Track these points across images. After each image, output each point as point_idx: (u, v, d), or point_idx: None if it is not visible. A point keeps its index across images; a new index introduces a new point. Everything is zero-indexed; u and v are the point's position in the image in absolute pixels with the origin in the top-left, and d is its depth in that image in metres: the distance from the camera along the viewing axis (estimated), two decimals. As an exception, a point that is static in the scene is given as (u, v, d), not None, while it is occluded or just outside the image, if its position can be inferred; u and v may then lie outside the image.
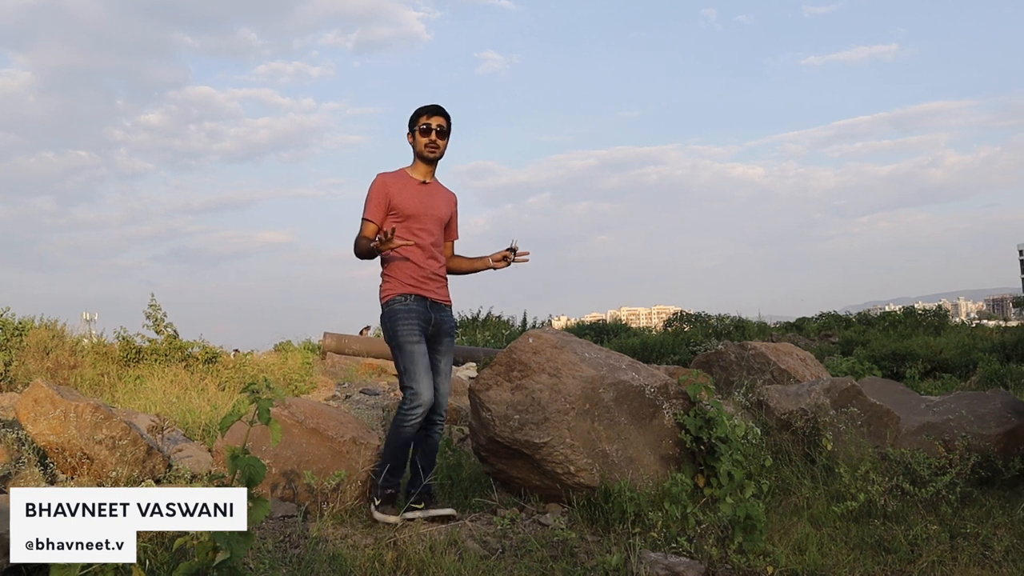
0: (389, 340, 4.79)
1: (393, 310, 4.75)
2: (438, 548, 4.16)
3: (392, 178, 4.86)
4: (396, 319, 4.73)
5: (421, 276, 4.82)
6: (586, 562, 4.06)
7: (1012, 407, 6.44)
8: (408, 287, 4.78)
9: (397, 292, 4.77)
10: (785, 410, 5.95)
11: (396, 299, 4.77)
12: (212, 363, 12.30)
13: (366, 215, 4.81)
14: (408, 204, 4.80)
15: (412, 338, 4.70)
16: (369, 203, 4.81)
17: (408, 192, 4.83)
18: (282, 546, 4.29)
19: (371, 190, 4.83)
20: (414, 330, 4.72)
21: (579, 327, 33.32)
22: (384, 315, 4.81)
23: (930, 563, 4.01)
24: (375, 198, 4.80)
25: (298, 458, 5.16)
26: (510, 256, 5.02)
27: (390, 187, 4.81)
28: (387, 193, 4.80)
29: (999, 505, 5.06)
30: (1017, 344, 19.05)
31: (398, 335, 4.70)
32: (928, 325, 26.29)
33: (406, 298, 4.76)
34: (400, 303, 4.75)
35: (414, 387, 4.64)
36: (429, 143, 4.83)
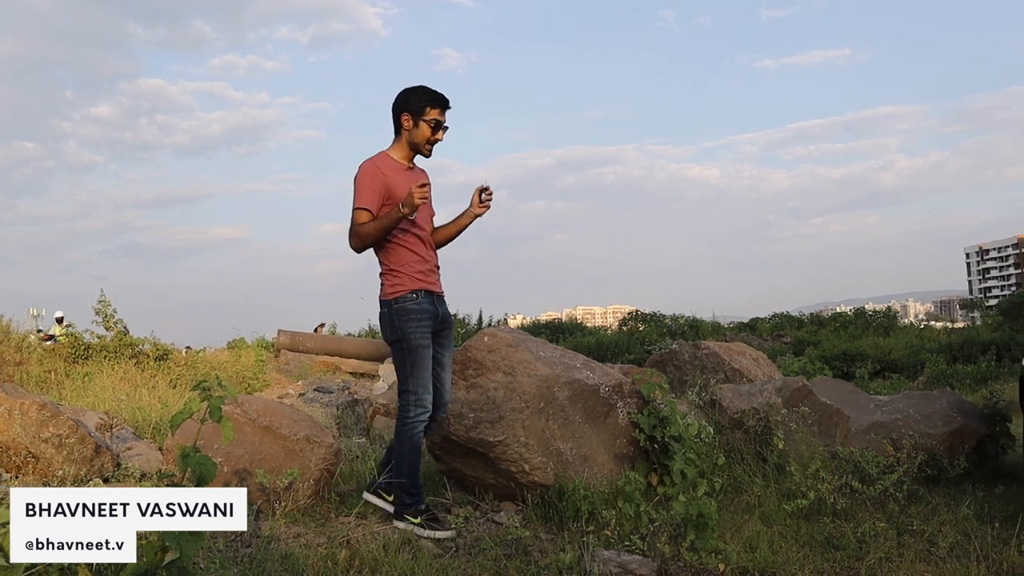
0: (395, 339, 4.47)
1: (405, 308, 4.43)
2: (392, 547, 4.14)
3: (383, 163, 4.48)
4: (408, 319, 4.42)
5: (426, 269, 4.53)
6: (540, 560, 4.07)
7: (958, 407, 6.57)
8: (418, 282, 4.47)
9: (408, 288, 4.45)
10: (738, 409, 6.01)
11: (408, 296, 4.44)
12: (163, 360, 12.14)
13: (361, 203, 4.38)
14: (405, 191, 4.38)
15: (424, 341, 4.44)
16: (364, 191, 4.39)
17: (401, 178, 4.45)
18: (233, 545, 4.24)
19: (363, 177, 4.41)
20: (426, 332, 4.46)
21: (535, 326, 33.41)
22: (392, 312, 4.46)
23: (877, 560, 4.08)
24: (370, 185, 4.38)
25: (250, 456, 5.10)
26: (484, 196, 4.62)
27: (385, 174, 4.43)
28: (383, 180, 4.40)
29: (944, 503, 5.15)
30: (963, 345, 19.47)
31: (410, 337, 4.41)
32: (878, 326, 26.77)
33: (417, 295, 4.46)
34: (412, 301, 4.44)
35: (419, 392, 4.45)
36: (433, 141, 4.51)
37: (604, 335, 28.95)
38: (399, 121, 4.53)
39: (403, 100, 4.52)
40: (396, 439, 4.58)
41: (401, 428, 4.53)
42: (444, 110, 4.51)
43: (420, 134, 4.49)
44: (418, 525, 4.43)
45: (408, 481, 4.54)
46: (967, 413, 6.49)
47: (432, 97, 4.49)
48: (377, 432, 7.82)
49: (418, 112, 4.48)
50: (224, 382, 3.10)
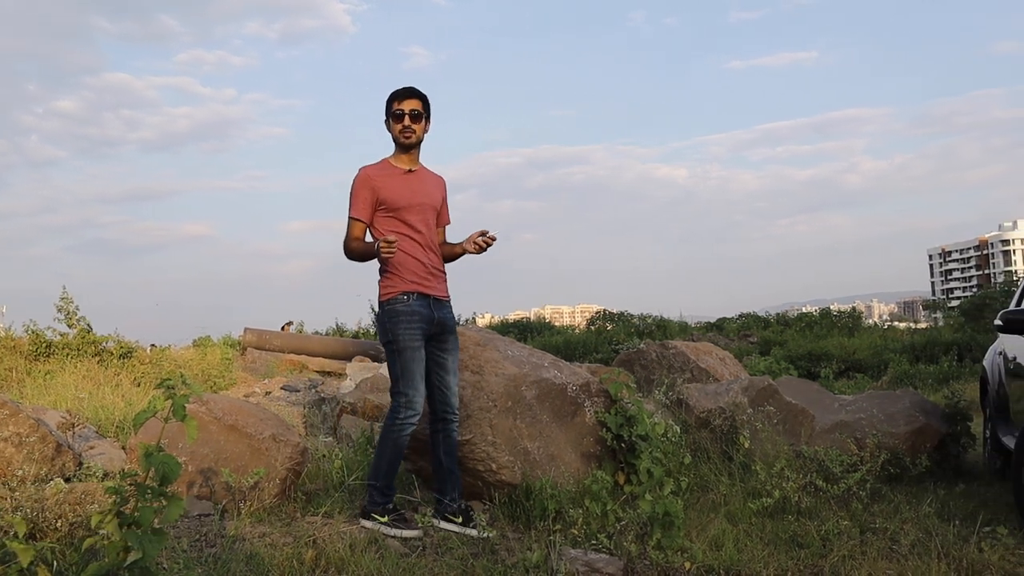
0: (386, 341, 4.50)
1: (394, 310, 4.44)
2: (358, 546, 4.12)
3: (375, 170, 4.55)
4: (397, 320, 4.42)
5: (423, 272, 4.52)
6: (507, 559, 4.07)
7: (920, 406, 6.65)
8: (411, 284, 4.47)
9: (399, 290, 4.45)
10: (704, 408, 6.05)
11: (398, 298, 4.45)
12: (127, 358, 12.01)
13: (352, 213, 4.48)
14: (397, 196, 4.48)
15: (413, 343, 4.42)
16: (355, 200, 4.48)
17: (395, 183, 4.51)
18: (198, 545, 4.20)
19: (354, 186, 4.51)
20: (416, 334, 4.43)
21: (503, 325, 33.40)
22: (383, 314, 4.49)
23: (841, 557, 4.12)
24: (359, 194, 4.48)
25: (216, 455, 5.06)
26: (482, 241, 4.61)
27: (374, 180, 4.49)
28: (372, 187, 4.47)
29: (906, 501, 5.22)
30: (926, 345, 19.73)
31: (399, 338, 4.41)
32: (843, 326, 27.06)
33: (408, 297, 4.45)
34: (402, 303, 4.44)
35: (409, 394, 4.42)
36: (403, 128, 4.51)
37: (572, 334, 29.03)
38: (387, 129, 4.63)
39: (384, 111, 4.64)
40: (381, 438, 4.55)
41: (388, 428, 4.51)
42: (403, 98, 4.56)
43: (392, 128, 4.57)
44: (385, 524, 4.41)
45: (383, 481, 4.52)
46: (929, 413, 6.58)
47: (394, 93, 4.59)
48: (344, 431, 7.78)
49: (387, 112, 4.60)
50: (189, 380, 3.07)
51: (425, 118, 4.60)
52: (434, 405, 4.68)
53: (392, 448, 4.50)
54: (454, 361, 4.69)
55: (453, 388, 4.68)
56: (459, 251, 4.73)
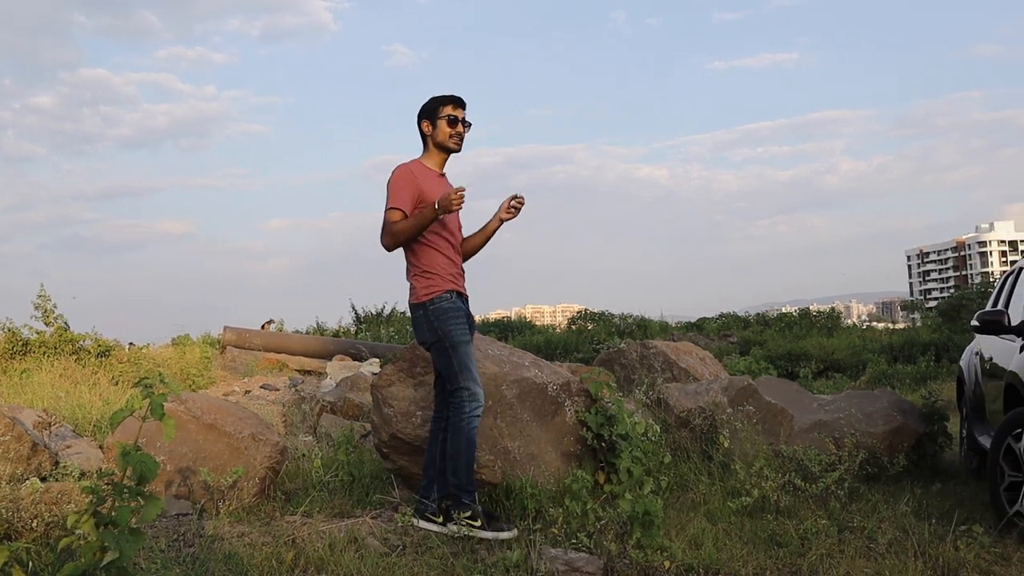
0: (436, 339, 4.49)
1: (443, 308, 4.48)
2: (338, 546, 4.11)
3: (416, 168, 4.59)
4: (447, 318, 4.46)
5: (456, 272, 4.61)
6: (487, 559, 4.07)
7: (898, 406, 6.70)
8: (450, 283, 4.53)
9: (443, 289, 4.50)
10: (684, 408, 6.07)
11: (443, 296, 4.49)
12: (105, 357, 11.92)
13: (396, 204, 4.48)
14: (436, 196, 4.47)
15: (465, 337, 4.48)
16: (399, 192, 4.49)
17: (433, 184, 4.56)
18: (176, 545, 4.18)
19: (399, 179, 4.53)
20: (466, 329, 4.51)
21: (484, 324, 33.39)
22: (429, 313, 4.49)
23: (819, 556, 4.14)
24: (406, 187, 4.50)
25: (194, 455, 5.03)
26: (515, 203, 4.73)
27: (419, 178, 4.53)
28: (417, 184, 4.51)
29: (884, 500, 5.26)
30: (904, 346, 19.86)
31: (452, 334, 4.45)
32: (822, 326, 27.18)
33: (451, 295, 4.51)
34: (448, 301, 4.49)
35: (472, 387, 4.45)
36: (456, 135, 4.60)
37: (553, 334, 29.05)
38: (422, 131, 4.67)
39: (420, 112, 4.67)
40: (453, 436, 4.49)
41: (458, 424, 4.47)
42: (457, 106, 4.63)
43: (441, 133, 4.61)
44: (479, 528, 4.35)
45: (465, 479, 4.47)
46: (907, 412, 6.63)
47: (443, 98, 4.64)
48: (324, 430, 7.75)
49: (433, 114, 4.63)
50: (167, 379, 3.05)
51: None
52: (440, 406, 4.69)
53: (467, 443, 4.46)
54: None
55: None
56: (494, 226, 4.82)
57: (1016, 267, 6.55)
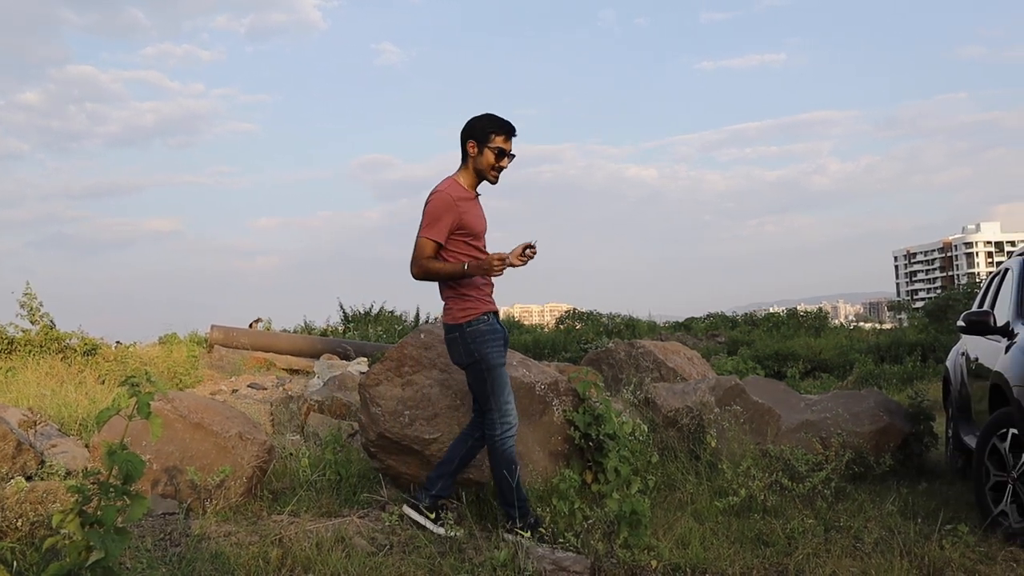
0: (472, 361, 4.47)
1: (479, 331, 4.45)
2: (325, 545, 4.10)
3: (458, 194, 4.46)
4: (484, 340, 4.44)
5: (490, 292, 4.59)
6: (474, 558, 4.07)
7: (884, 406, 6.73)
8: (487, 305, 4.52)
9: (481, 311, 4.47)
10: (672, 408, 6.08)
11: (480, 319, 4.46)
12: (91, 355, 11.87)
13: (430, 234, 4.39)
14: (476, 221, 4.50)
15: (501, 360, 4.48)
16: (436, 222, 4.38)
17: (472, 208, 4.51)
18: (162, 544, 4.16)
19: (438, 207, 4.40)
20: (502, 352, 4.51)
21: (472, 324, 33.34)
22: (466, 335, 4.45)
23: (805, 555, 4.16)
24: (443, 217, 4.38)
25: (181, 454, 5.01)
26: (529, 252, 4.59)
27: (460, 206, 4.42)
28: (457, 213, 4.40)
29: (870, 499, 5.28)
30: (891, 346, 19.95)
31: (489, 357, 4.43)
32: (809, 327, 27.27)
33: (489, 317, 4.50)
34: (486, 323, 4.47)
35: (504, 409, 4.44)
36: (498, 168, 4.50)
37: (541, 333, 29.07)
38: (465, 148, 4.53)
39: (469, 127, 4.53)
40: (492, 461, 4.52)
41: (492, 447, 4.48)
42: (509, 137, 4.51)
43: (484, 161, 4.48)
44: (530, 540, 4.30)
45: (511, 497, 4.45)
46: (893, 412, 6.66)
47: (497, 124, 4.49)
48: (312, 429, 7.74)
49: (483, 139, 4.47)
50: (154, 378, 3.04)
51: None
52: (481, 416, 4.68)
53: (506, 465, 4.45)
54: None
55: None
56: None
57: (1002, 268, 6.59)
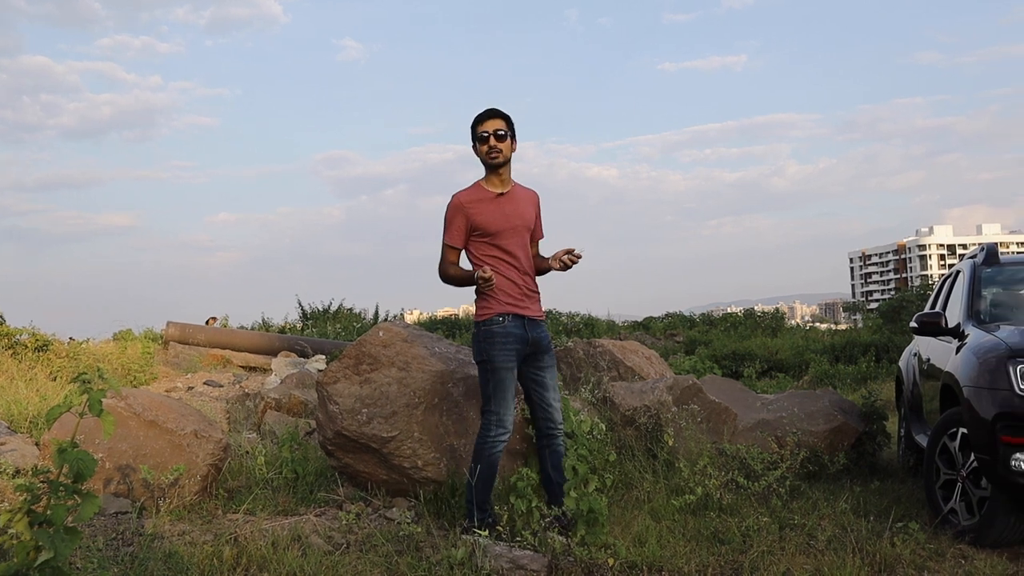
0: (480, 360, 4.53)
1: (490, 331, 4.48)
2: (281, 544, 4.07)
3: (468, 196, 4.56)
4: (493, 341, 4.47)
5: (518, 294, 4.57)
6: (431, 556, 4.06)
7: (839, 405, 6.82)
8: (507, 306, 4.51)
9: (496, 312, 4.50)
10: (630, 406, 6.11)
11: (494, 319, 4.49)
12: (43, 351, 11.68)
13: (447, 240, 4.57)
14: (491, 221, 4.52)
15: (507, 364, 4.48)
16: (448, 227, 4.56)
17: (488, 208, 4.54)
18: (114, 544, 4.10)
19: (448, 213, 4.57)
20: (510, 355, 4.49)
21: (431, 321, 33.27)
22: (479, 334, 4.53)
23: (760, 553, 4.20)
24: (453, 221, 4.54)
25: (134, 452, 4.94)
26: (567, 259, 4.64)
27: (468, 207, 4.52)
28: (465, 215, 4.51)
29: (824, 497, 5.35)
30: (845, 346, 20.23)
31: (493, 358, 4.46)
32: (766, 327, 27.53)
33: (504, 319, 4.50)
34: (498, 324, 4.48)
35: (500, 412, 4.47)
36: (489, 149, 4.53)
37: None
38: (476, 154, 4.65)
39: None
40: (474, 456, 4.53)
41: (480, 446, 4.49)
42: (485, 120, 4.59)
43: (479, 151, 4.59)
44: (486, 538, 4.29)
45: (479, 498, 4.47)
46: (847, 412, 6.75)
47: (476, 117, 4.62)
48: (268, 427, 7.67)
49: (473, 135, 4.61)
50: (106, 375, 2.99)
51: (510, 136, 4.61)
52: (538, 422, 4.69)
53: (485, 466, 4.47)
54: (552, 378, 4.72)
55: (554, 404, 4.69)
56: (545, 267, 4.80)
57: (953, 270, 6.70)
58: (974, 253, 6.26)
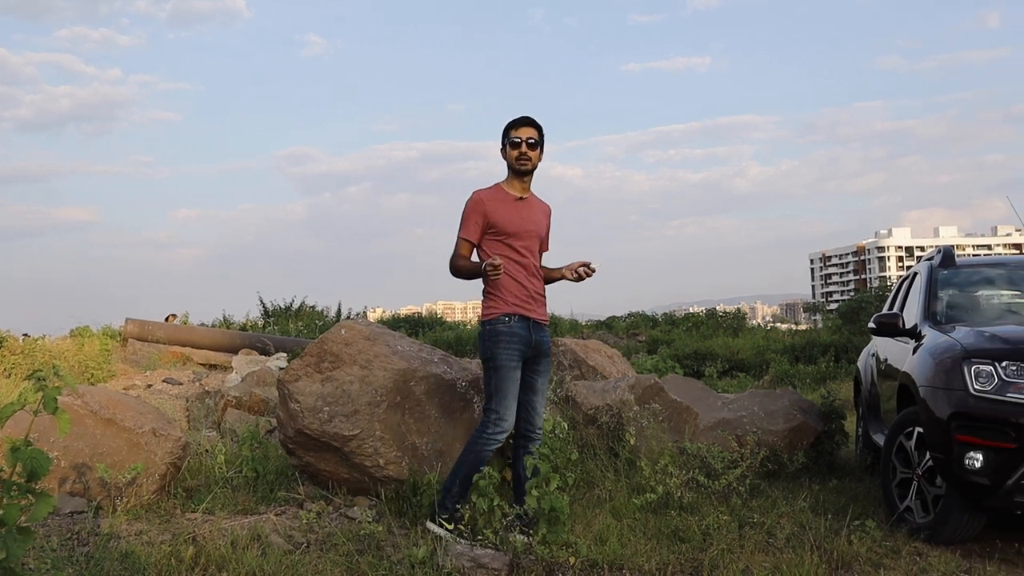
0: (485, 358, 4.60)
1: (496, 330, 4.55)
2: (240, 543, 4.03)
3: (488, 195, 4.65)
4: (498, 340, 4.53)
5: (525, 296, 4.64)
6: (392, 555, 4.04)
7: (798, 405, 6.89)
8: (512, 306, 4.58)
9: (502, 311, 4.57)
10: (592, 405, 6.13)
11: (500, 319, 4.56)
12: (-2, 348, 11.48)
13: (462, 234, 4.63)
14: (508, 221, 4.60)
15: (511, 363, 4.53)
16: (466, 221, 4.62)
17: (507, 209, 4.63)
18: (69, 544, 4.04)
19: (467, 208, 4.64)
20: (514, 355, 4.54)
21: (394, 320, 33.17)
22: (485, 333, 4.61)
23: (720, 551, 4.23)
24: (471, 217, 4.61)
25: (91, 450, 4.87)
26: (582, 271, 4.80)
27: (487, 204, 4.60)
28: (484, 211, 4.59)
29: (783, 496, 5.40)
30: (805, 346, 20.43)
31: (497, 357, 4.52)
32: (728, 327, 27.69)
33: (510, 319, 4.56)
34: (504, 324, 4.55)
35: (500, 412, 4.50)
36: (520, 156, 4.62)
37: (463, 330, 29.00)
38: (503, 157, 4.74)
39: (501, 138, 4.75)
40: (466, 448, 4.57)
41: (475, 440, 4.53)
42: (520, 127, 4.67)
43: (509, 155, 4.68)
44: (450, 532, 4.33)
45: (457, 488, 4.50)
46: (807, 411, 6.82)
47: (511, 121, 4.71)
48: (229, 426, 7.60)
49: (504, 138, 4.70)
50: (63, 372, 2.94)
51: (540, 146, 4.70)
52: (519, 423, 4.70)
53: (474, 459, 4.50)
54: (544, 383, 4.78)
55: (539, 409, 4.75)
56: (556, 276, 4.89)
57: (911, 272, 6.80)
58: (931, 255, 6.35)
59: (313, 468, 5.15)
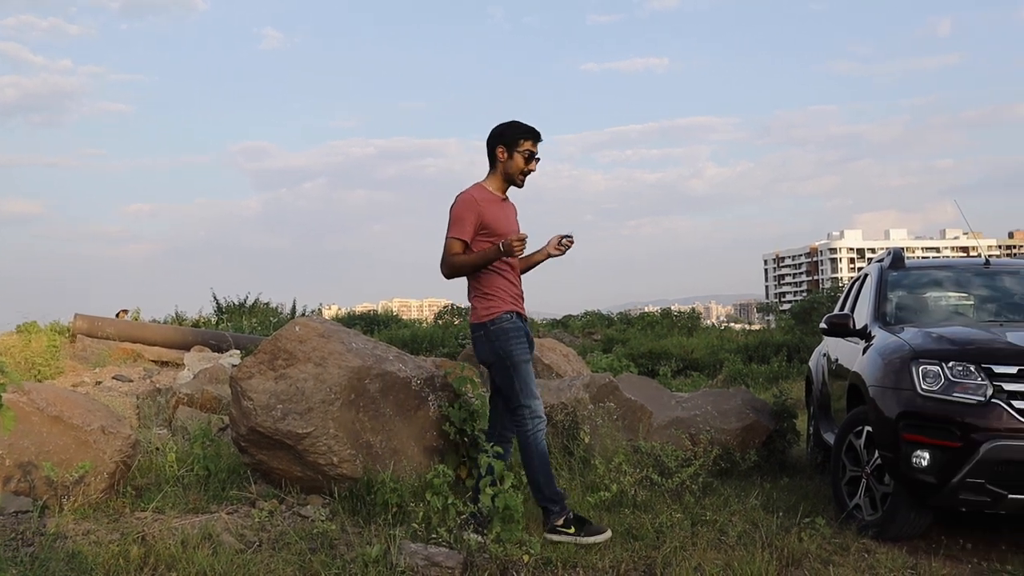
0: (497, 358, 4.56)
1: (503, 328, 4.55)
2: (191, 542, 3.98)
3: (480, 195, 4.61)
4: (508, 338, 4.54)
5: (516, 294, 4.67)
6: (346, 554, 4.02)
7: (751, 404, 6.97)
8: (510, 304, 4.60)
9: (504, 310, 4.57)
10: (547, 404, 6.14)
11: (503, 317, 4.56)
12: (-60, 344, 11.22)
13: (455, 234, 4.56)
14: (500, 223, 4.59)
15: (525, 356, 4.58)
16: (460, 221, 4.55)
17: (496, 209, 4.62)
18: (13, 544, 3.96)
19: (461, 207, 4.57)
20: (526, 348, 4.59)
21: (350, 317, 32.97)
22: (491, 333, 4.56)
23: (673, 549, 4.26)
24: (466, 216, 4.54)
25: (37, 448, 4.78)
26: (565, 242, 4.78)
27: (481, 206, 4.57)
28: (479, 212, 4.55)
29: (735, 494, 5.46)
30: (759, 346, 20.68)
31: (513, 354, 4.53)
32: (682, 326, 27.92)
33: (512, 316, 4.59)
34: (508, 321, 4.56)
35: (532, 405, 4.53)
36: (527, 172, 4.65)
37: (419, 328, 28.93)
38: (494, 154, 4.67)
39: (498, 134, 4.66)
40: (523, 455, 4.60)
41: (524, 442, 4.56)
42: (537, 142, 4.67)
43: (514, 165, 4.63)
44: (574, 535, 4.36)
45: (549, 492, 4.52)
46: (759, 410, 6.90)
47: (525, 130, 4.65)
48: (180, 423, 7.50)
49: (512, 144, 4.62)
50: (8, 368, 2.89)
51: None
52: (500, 422, 4.74)
53: (539, 459, 4.55)
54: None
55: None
56: (539, 259, 4.87)
57: (862, 273, 6.90)
58: (881, 257, 6.46)
59: (266, 466, 5.11)
